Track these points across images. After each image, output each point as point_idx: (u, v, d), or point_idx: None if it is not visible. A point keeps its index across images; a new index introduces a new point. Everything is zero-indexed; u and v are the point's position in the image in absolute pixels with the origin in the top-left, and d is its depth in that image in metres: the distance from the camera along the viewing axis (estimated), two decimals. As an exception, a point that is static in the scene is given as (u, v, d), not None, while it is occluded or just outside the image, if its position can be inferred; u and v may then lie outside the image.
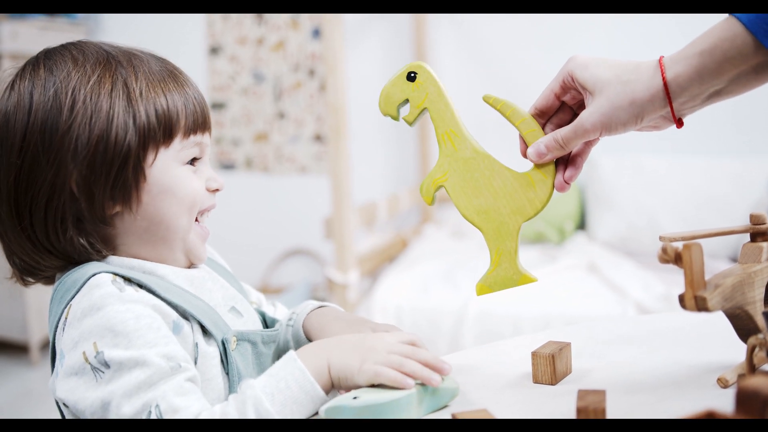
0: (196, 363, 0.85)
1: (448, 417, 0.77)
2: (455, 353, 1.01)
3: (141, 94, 0.86)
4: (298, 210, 3.66)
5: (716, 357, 0.92)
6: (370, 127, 3.58)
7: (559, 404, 0.82)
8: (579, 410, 0.73)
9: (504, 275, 0.93)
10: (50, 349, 0.85)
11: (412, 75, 0.91)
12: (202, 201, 0.91)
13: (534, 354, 0.89)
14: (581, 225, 3.11)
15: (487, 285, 0.94)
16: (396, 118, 0.93)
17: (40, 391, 2.99)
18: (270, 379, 0.78)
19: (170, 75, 0.90)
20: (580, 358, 0.95)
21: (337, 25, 2.52)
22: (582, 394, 0.75)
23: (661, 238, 0.85)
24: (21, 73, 0.88)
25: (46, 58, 0.88)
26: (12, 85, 0.87)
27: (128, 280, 0.83)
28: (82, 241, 0.85)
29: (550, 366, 0.88)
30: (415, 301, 2.51)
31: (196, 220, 0.92)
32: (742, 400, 0.57)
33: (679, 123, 0.87)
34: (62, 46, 0.90)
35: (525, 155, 0.93)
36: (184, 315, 0.85)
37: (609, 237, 2.94)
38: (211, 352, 0.86)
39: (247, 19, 3.70)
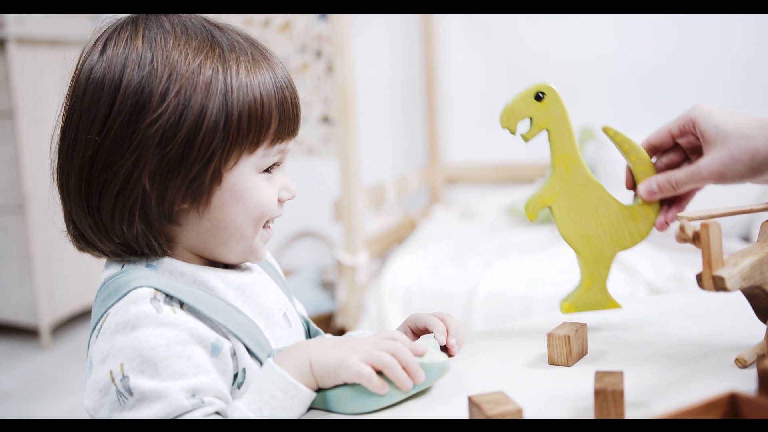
0: (240, 385, 0.82)
1: (464, 400, 0.77)
2: (468, 335, 1.00)
3: (238, 90, 0.81)
4: (305, 192, 3.65)
5: (733, 337, 0.92)
6: (378, 108, 3.56)
7: (576, 386, 0.81)
8: (597, 392, 0.72)
9: (593, 299, 0.97)
10: (87, 347, 0.82)
11: (541, 95, 0.92)
12: (272, 212, 0.87)
13: (550, 335, 0.89)
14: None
15: (575, 305, 0.97)
16: (513, 133, 0.94)
17: (51, 375, 3.00)
18: (254, 395, 0.76)
19: (265, 61, 0.85)
20: (595, 339, 0.94)
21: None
22: (599, 375, 0.75)
23: (678, 218, 0.85)
24: (116, 36, 0.82)
25: (146, 28, 0.82)
26: (104, 47, 0.82)
27: (170, 297, 0.79)
28: (147, 235, 0.82)
29: (566, 347, 0.88)
30: (424, 283, 2.50)
31: (264, 224, 0.88)
32: (765, 381, 0.56)
33: None
34: (165, 14, 0.85)
35: (628, 187, 0.97)
36: (227, 335, 0.81)
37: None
38: (255, 372, 0.83)
39: None
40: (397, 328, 0.98)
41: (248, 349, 0.82)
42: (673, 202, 0.95)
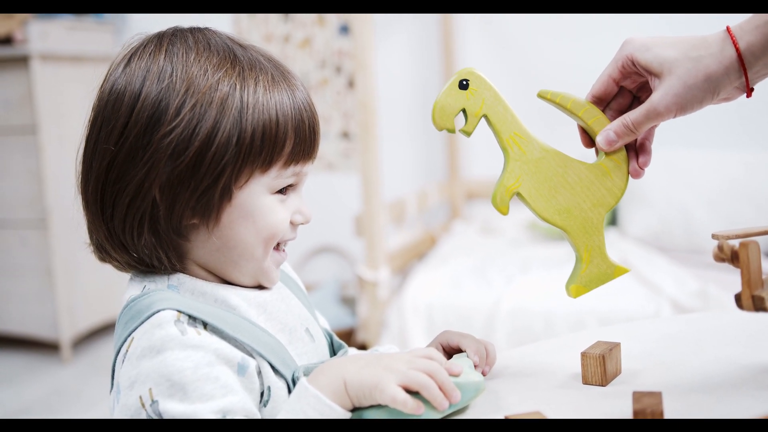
0: (267, 403, 0.82)
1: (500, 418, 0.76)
2: (499, 354, 0.99)
3: (254, 108, 0.81)
4: (325, 207, 3.65)
5: (769, 357, 0.90)
6: (398, 122, 3.56)
7: (612, 406, 0.80)
8: (636, 413, 0.71)
9: (598, 271, 0.90)
10: (111, 368, 0.82)
11: (465, 83, 0.87)
12: (283, 234, 0.86)
13: (583, 354, 0.88)
14: (613, 221, 3.08)
15: (583, 285, 0.90)
16: (453, 131, 0.88)
17: (71, 389, 3.01)
18: (288, 416, 0.76)
19: (285, 82, 0.85)
20: (628, 359, 0.93)
21: (366, 21, 2.51)
22: (637, 396, 0.74)
23: (714, 236, 0.83)
24: (141, 51, 0.84)
25: (170, 43, 0.83)
26: (129, 60, 0.83)
27: (193, 318, 0.79)
28: (156, 248, 0.82)
29: (600, 367, 0.87)
30: (446, 299, 2.49)
31: (276, 247, 0.88)
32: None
33: (750, 92, 0.85)
34: (191, 30, 0.86)
35: (587, 146, 0.92)
36: (252, 353, 0.81)
37: (641, 232, 2.91)
38: (280, 390, 0.83)
39: (273, 16, 3.70)
40: (427, 345, 0.97)
41: (273, 367, 0.82)
42: (639, 145, 0.90)
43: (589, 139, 0.91)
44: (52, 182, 3.26)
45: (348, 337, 3.01)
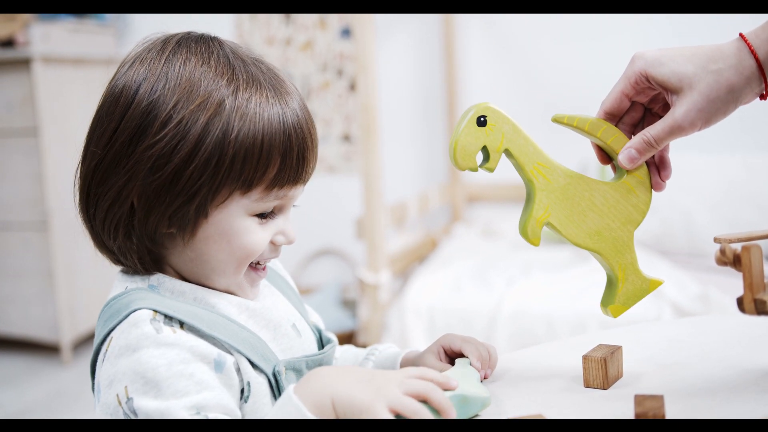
0: (247, 399, 0.82)
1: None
2: (500, 356, 0.99)
3: (239, 130, 0.79)
4: (326, 210, 3.66)
5: (771, 360, 0.90)
6: (399, 125, 3.56)
7: (614, 409, 0.80)
8: (638, 416, 0.71)
9: (634, 288, 0.91)
10: (90, 365, 0.84)
11: (482, 119, 0.85)
12: (261, 254, 0.85)
13: (585, 357, 0.88)
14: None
15: (622, 303, 0.91)
16: (475, 169, 0.87)
17: (72, 391, 3.01)
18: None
19: (280, 102, 0.83)
20: (630, 362, 0.93)
21: (368, 23, 2.51)
22: (639, 399, 0.74)
23: (716, 240, 0.83)
24: (145, 54, 0.84)
25: (172, 52, 0.83)
26: (133, 62, 0.84)
27: (169, 317, 0.79)
28: (130, 251, 0.84)
29: (602, 370, 0.87)
30: (447, 302, 2.49)
31: (255, 265, 0.87)
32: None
33: (766, 96, 0.85)
34: (196, 39, 0.85)
35: (603, 163, 0.92)
36: (230, 350, 0.81)
37: (642, 236, 2.90)
38: (261, 385, 0.83)
39: (275, 19, 3.70)
40: (428, 347, 0.97)
41: (252, 363, 0.83)
42: (658, 159, 0.90)
43: (605, 156, 0.91)
44: (54, 184, 3.26)
45: (349, 340, 3.01)
